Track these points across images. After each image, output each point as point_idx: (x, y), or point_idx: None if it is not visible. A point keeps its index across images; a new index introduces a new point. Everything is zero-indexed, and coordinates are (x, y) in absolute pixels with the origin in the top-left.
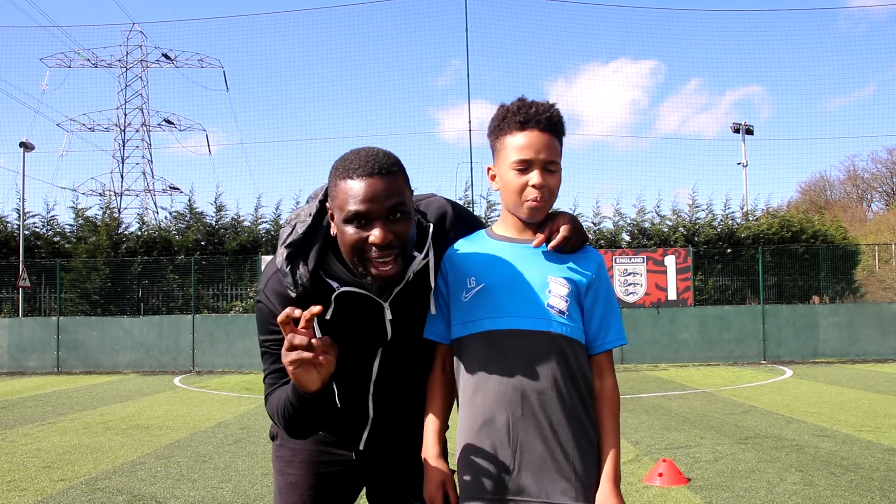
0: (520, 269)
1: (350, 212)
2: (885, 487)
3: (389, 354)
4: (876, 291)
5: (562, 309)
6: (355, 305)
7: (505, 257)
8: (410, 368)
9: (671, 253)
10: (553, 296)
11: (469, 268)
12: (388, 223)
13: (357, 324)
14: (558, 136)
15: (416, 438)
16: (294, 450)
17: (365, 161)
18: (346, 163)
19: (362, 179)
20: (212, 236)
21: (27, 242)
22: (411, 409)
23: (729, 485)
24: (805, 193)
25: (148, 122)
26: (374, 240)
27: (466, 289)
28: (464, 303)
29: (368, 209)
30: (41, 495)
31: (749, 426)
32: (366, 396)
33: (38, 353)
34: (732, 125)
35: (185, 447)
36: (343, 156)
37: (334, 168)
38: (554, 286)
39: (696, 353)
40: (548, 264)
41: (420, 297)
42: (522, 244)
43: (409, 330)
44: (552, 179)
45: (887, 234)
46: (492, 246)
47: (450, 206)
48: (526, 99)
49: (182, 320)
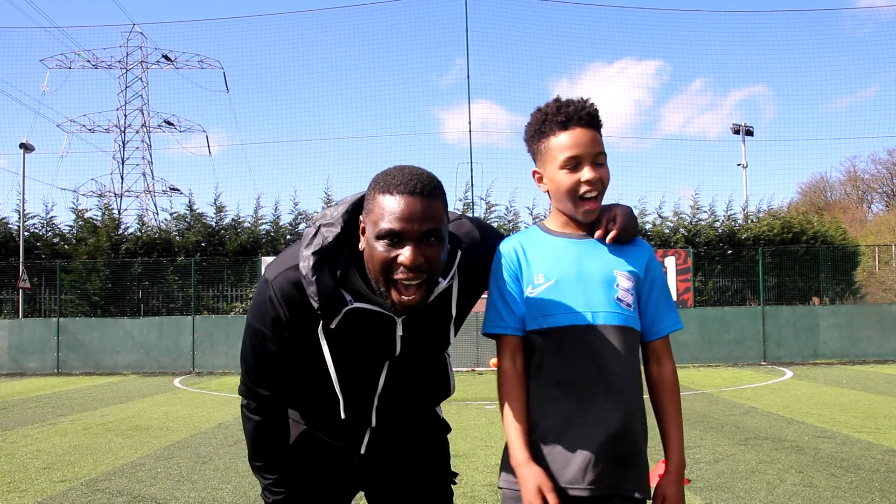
0: (586, 265)
1: (384, 229)
2: (885, 488)
3: (396, 368)
4: (876, 292)
5: (629, 302)
6: (367, 318)
7: (569, 253)
8: (415, 381)
9: (671, 254)
10: (621, 289)
11: (535, 264)
12: (421, 246)
13: (366, 337)
14: (599, 129)
15: (416, 444)
16: (293, 441)
17: (408, 179)
18: (388, 178)
19: (402, 197)
20: (212, 237)
21: (27, 243)
22: (413, 417)
23: (729, 486)
24: (805, 194)
25: (148, 123)
26: (404, 260)
27: (534, 284)
28: (531, 298)
29: (403, 228)
30: (41, 496)
31: (749, 427)
32: (370, 406)
33: (39, 355)
34: (732, 126)
35: (185, 448)
36: (386, 170)
37: (375, 181)
38: (620, 280)
39: (696, 354)
40: (611, 258)
41: (433, 316)
42: (583, 239)
43: (417, 346)
44: (603, 171)
45: (887, 235)
46: (553, 242)
47: (478, 231)
48: (561, 99)
49: (182, 321)
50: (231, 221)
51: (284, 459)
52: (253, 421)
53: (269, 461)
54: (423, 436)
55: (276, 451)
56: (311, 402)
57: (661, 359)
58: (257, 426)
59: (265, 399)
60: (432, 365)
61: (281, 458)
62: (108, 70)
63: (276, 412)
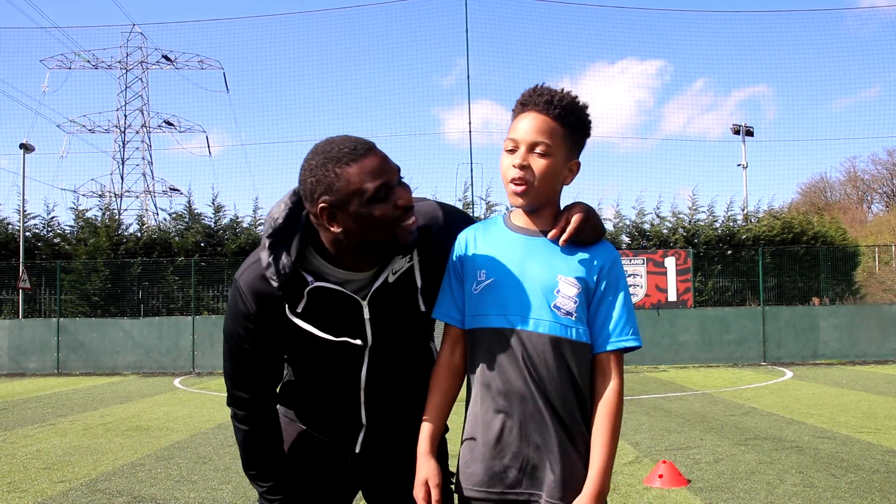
0: (529, 266)
1: (373, 188)
2: (885, 489)
3: (376, 360)
4: (876, 293)
5: (569, 310)
6: (332, 300)
7: (516, 251)
8: (400, 374)
9: (671, 254)
10: (561, 296)
11: (480, 259)
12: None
13: (334, 320)
14: (562, 121)
15: (413, 442)
16: (289, 442)
17: (354, 145)
18: (335, 152)
19: (367, 158)
20: (211, 238)
21: (27, 244)
22: (405, 413)
23: (729, 486)
24: (805, 195)
25: (148, 123)
26: (404, 202)
27: (477, 281)
28: (474, 294)
29: (389, 178)
30: (41, 497)
31: (749, 428)
32: (357, 403)
33: (39, 355)
34: (732, 126)
35: (185, 448)
36: (320, 149)
37: (322, 163)
38: (563, 286)
39: (696, 354)
40: (559, 261)
41: (401, 300)
42: (535, 237)
43: (392, 333)
44: (538, 162)
45: (887, 235)
46: (506, 237)
47: (441, 210)
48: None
49: (182, 322)
50: (230, 221)
51: (278, 467)
52: (242, 430)
53: (262, 469)
54: (419, 435)
55: (268, 460)
56: (310, 396)
57: (604, 374)
58: (246, 435)
59: (248, 405)
60: (417, 357)
61: (274, 465)
62: (108, 70)
63: (263, 420)
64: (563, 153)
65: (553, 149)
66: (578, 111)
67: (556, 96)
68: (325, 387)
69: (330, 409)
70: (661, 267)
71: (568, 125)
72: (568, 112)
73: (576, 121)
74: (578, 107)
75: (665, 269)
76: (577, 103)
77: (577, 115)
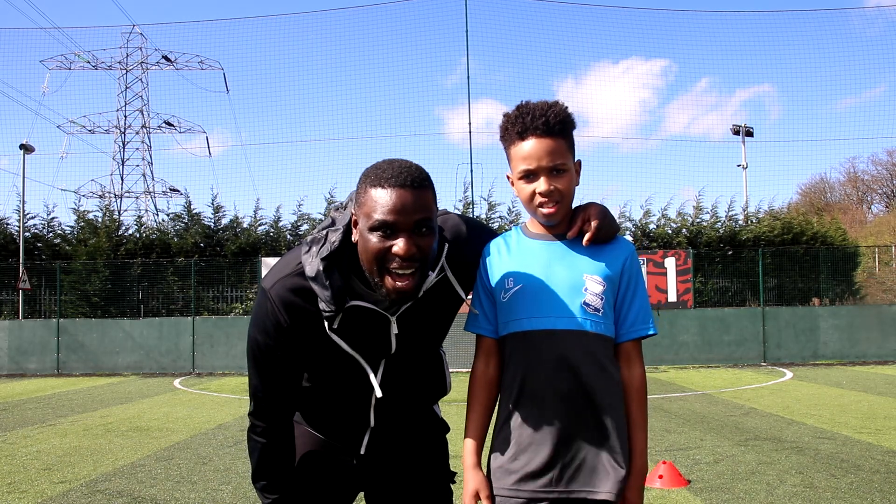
0: (555, 269)
1: (377, 220)
2: (885, 489)
3: (392, 366)
4: (876, 293)
5: (597, 307)
6: (363, 317)
7: (540, 257)
8: (412, 379)
9: (671, 255)
10: (589, 294)
11: (507, 269)
12: (414, 236)
13: (363, 336)
14: (562, 135)
15: (416, 444)
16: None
17: (398, 172)
18: (378, 171)
19: (393, 190)
20: (211, 238)
21: (27, 244)
22: (412, 416)
23: (729, 487)
24: (805, 195)
25: (148, 124)
26: (398, 251)
27: (505, 289)
28: (503, 302)
29: (396, 220)
30: (41, 497)
31: (749, 428)
32: (367, 406)
33: (39, 356)
34: (732, 127)
35: (185, 449)
36: (375, 164)
37: (365, 175)
38: (590, 284)
39: (696, 354)
40: (583, 262)
41: (427, 313)
42: (555, 242)
43: (412, 344)
44: (560, 181)
45: (887, 236)
46: (527, 245)
47: (464, 224)
48: (523, 105)
49: (182, 322)
50: (229, 222)
51: (287, 480)
52: (259, 444)
53: (271, 482)
54: (422, 436)
55: (279, 474)
56: (321, 401)
57: (629, 362)
58: (263, 448)
59: (271, 418)
60: (427, 363)
61: (284, 479)
62: (108, 71)
63: (281, 434)
64: (572, 161)
65: (567, 164)
66: (568, 118)
67: (549, 115)
68: (337, 391)
69: (339, 412)
70: (661, 267)
71: (567, 136)
72: (564, 125)
73: (570, 127)
74: (568, 114)
75: (665, 270)
76: (566, 111)
77: (570, 122)
